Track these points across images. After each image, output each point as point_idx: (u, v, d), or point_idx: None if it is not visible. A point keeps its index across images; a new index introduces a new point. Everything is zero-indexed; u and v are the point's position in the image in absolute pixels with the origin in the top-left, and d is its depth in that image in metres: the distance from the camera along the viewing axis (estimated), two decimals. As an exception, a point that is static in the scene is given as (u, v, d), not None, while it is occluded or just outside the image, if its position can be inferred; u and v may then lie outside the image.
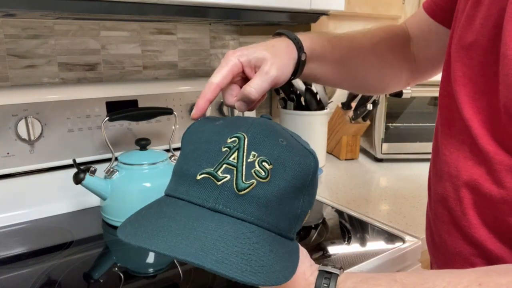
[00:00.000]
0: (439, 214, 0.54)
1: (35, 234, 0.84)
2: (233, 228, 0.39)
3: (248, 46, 0.54)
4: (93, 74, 1.04)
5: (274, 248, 0.41)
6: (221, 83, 0.51)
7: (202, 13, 0.77)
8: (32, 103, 0.87)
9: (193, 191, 0.42)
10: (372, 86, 0.73)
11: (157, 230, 0.39)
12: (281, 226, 0.43)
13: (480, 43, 0.47)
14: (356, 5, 1.04)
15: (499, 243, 0.46)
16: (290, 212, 0.43)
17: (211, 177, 0.41)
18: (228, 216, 0.40)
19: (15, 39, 0.93)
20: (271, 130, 0.45)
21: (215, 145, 0.43)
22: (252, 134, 0.43)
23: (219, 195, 0.41)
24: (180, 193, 0.43)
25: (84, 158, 0.94)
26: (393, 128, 1.31)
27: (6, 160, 0.86)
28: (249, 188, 0.41)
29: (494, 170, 0.45)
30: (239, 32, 1.26)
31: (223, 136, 0.43)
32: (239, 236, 0.39)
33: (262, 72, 0.52)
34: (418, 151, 1.32)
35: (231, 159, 0.41)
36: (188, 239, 0.37)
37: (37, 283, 0.66)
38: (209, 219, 0.40)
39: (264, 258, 0.39)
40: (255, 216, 0.41)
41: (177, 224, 0.39)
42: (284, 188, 0.42)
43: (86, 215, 0.93)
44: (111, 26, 1.04)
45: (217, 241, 0.38)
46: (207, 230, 0.39)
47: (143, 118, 0.93)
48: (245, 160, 0.41)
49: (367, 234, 0.86)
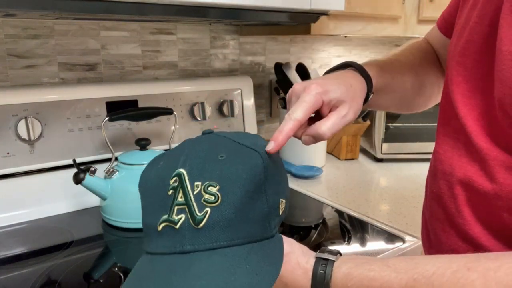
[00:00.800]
0: (434, 212, 0.54)
1: (35, 234, 0.84)
2: (204, 263, 0.40)
3: (327, 79, 0.54)
4: (93, 74, 1.04)
5: (251, 261, 0.41)
6: (303, 120, 0.50)
7: (202, 13, 0.77)
8: (32, 103, 0.87)
9: (160, 243, 0.43)
10: (417, 105, 0.73)
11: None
12: (253, 233, 0.43)
13: (474, 42, 0.48)
14: (356, 5, 1.04)
15: (494, 240, 0.46)
16: (257, 216, 0.43)
17: (169, 224, 0.42)
18: (199, 251, 0.41)
19: (15, 39, 0.93)
20: (208, 150, 0.45)
21: (162, 191, 0.43)
22: (189, 166, 0.43)
23: (182, 237, 0.41)
24: (152, 248, 0.44)
25: (84, 158, 0.94)
26: (393, 128, 1.31)
27: (6, 160, 0.86)
28: (205, 218, 0.41)
29: (488, 166, 0.45)
30: (239, 32, 1.26)
31: (165, 179, 0.44)
32: (211, 268, 0.40)
33: (340, 114, 0.52)
34: (418, 151, 1.32)
35: (179, 199, 0.42)
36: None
37: (37, 283, 0.66)
38: (180, 265, 0.40)
39: (242, 276, 0.39)
40: (222, 240, 0.41)
41: (153, 283, 0.40)
42: (239, 200, 0.42)
43: (86, 215, 0.93)
44: (111, 26, 1.04)
45: (193, 286, 0.38)
46: (185, 278, 0.39)
47: (143, 118, 0.93)
48: (191, 194, 0.41)
49: (367, 234, 0.86)
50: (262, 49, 1.33)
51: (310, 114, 0.52)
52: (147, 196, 0.45)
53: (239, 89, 1.17)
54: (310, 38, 1.43)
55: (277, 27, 1.13)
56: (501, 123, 0.43)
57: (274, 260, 0.43)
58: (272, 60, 1.33)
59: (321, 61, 1.49)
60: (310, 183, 1.14)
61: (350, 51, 1.56)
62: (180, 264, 0.41)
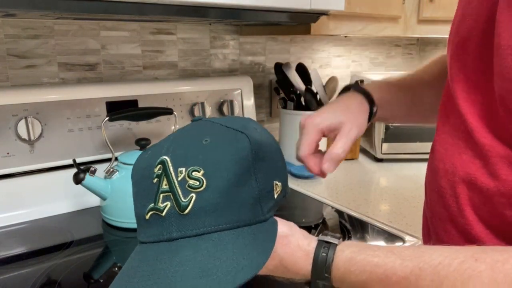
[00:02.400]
0: (435, 212, 0.54)
1: (35, 234, 0.84)
2: (190, 249, 0.40)
3: (323, 109, 0.61)
4: (93, 74, 1.04)
5: (239, 245, 0.40)
6: (309, 154, 0.58)
7: (202, 13, 0.77)
8: (32, 103, 0.87)
9: (148, 231, 0.43)
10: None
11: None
12: (242, 217, 0.42)
13: (473, 38, 0.48)
14: (356, 5, 1.04)
15: (496, 239, 0.46)
16: (246, 199, 0.42)
17: (156, 212, 0.42)
18: (186, 238, 0.41)
19: (15, 39, 0.93)
20: (193, 135, 0.45)
21: (148, 179, 0.43)
22: (173, 153, 0.43)
23: (169, 224, 0.41)
24: (142, 237, 0.44)
25: (84, 158, 0.94)
26: (393, 128, 1.31)
27: (6, 160, 0.86)
28: (191, 204, 0.40)
29: (490, 163, 0.45)
30: (239, 32, 1.26)
31: (150, 167, 0.43)
32: (197, 254, 0.40)
33: (344, 133, 0.58)
34: (418, 151, 1.32)
35: (164, 187, 0.42)
36: (157, 283, 0.38)
37: (37, 283, 0.66)
38: (167, 252, 0.40)
39: (227, 261, 0.39)
40: (209, 225, 0.41)
41: (139, 274, 0.40)
42: (226, 183, 0.41)
43: (86, 215, 0.93)
44: (111, 26, 1.04)
45: (176, 272, 0.38)
46: (170, 265, 0.39)
47: (143, 118, 0.93)
48: (175, 180, 0.41)
49: (367, 234, 0.86)
50: (262, 49, 1.33)
51: (313, 146, 0.59)
52: (136, 186, 0.45)
53: (239, 89, 1.17)
54: (310, 38, 1.43)
55: (277, 27, 1.13)
56: (503, 119, 0.43)
57: (265, 244, 0.42)
58: (272, 60, 1.33)
59: (321, 61, 1.49)
60: (310, 183, 1.14)
61: (350, 51, 1.56)
62: (167, 251, 0.40)
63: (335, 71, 1.51)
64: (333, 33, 1.07)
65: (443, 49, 1.73)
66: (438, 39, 1.73)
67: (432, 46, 1.77)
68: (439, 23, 1.23)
